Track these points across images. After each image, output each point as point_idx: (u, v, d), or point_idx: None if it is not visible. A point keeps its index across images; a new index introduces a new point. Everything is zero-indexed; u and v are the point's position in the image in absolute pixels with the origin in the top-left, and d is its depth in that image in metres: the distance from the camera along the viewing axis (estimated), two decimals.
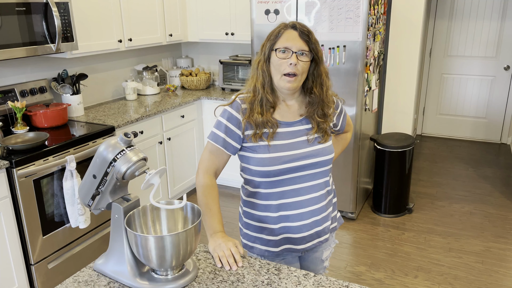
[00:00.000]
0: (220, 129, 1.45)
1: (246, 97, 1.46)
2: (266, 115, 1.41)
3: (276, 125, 1.43)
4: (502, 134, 5.31)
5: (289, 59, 1.36)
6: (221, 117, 1.45)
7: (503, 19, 4.93)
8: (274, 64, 1.40)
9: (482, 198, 3.86)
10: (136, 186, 3.15)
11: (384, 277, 2.76)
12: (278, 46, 1.38)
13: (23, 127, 2.70)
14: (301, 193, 1.47)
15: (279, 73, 1.39)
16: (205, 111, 3.89)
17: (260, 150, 1.42)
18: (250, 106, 1.43)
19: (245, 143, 1.45)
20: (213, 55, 4.42)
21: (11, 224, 2.32)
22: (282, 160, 1.41)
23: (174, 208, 1.27)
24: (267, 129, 1.42)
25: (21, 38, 2.48)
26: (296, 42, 1.37)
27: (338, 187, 3.39)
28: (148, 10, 3.55)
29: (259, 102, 1.42)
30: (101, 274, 1.28)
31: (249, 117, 1.42)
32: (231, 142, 1.44)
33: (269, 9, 3.25)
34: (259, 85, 1.42)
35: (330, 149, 1.49)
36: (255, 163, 1.42)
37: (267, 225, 1.50)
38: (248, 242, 1.57)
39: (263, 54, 1.42)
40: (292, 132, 1.45)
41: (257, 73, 1.44)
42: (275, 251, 1.53)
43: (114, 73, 3.73)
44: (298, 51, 1.37)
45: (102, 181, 1.22)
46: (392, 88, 3.86)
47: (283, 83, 1.39)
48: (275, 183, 1.45)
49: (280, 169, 1.41)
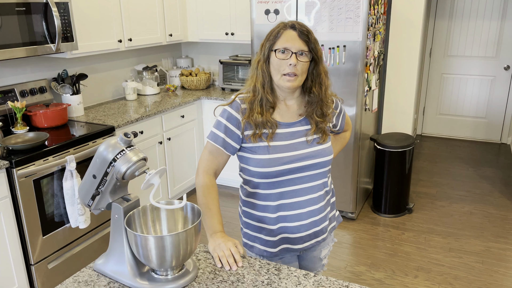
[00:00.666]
0: (220, 129, 1.44)
1: (246, 97, 1.45)
2: (265, 115, 1.41)
3: (276, 125, 1.42)
4: (502, 134, 5.31)
5: (289, 59, 1.36)
6: (221, 117, 1.45)
7: (503, 19, 4.93)
8: (274, 64, 1.39)
9: (482, 198, 3.85)
10: (136, 186, 3.15)
11: (384, 277, 2.76)
12: (278, 47, 1.38)
13: (23, 127, 2.70)
14: (300, 194, 1.47)
15: (279, 73, 1.39)
16: (205, 111, 3.89)
17: (259, 151, 1.42)
18: (250, 106, 1.42)
19: (244, 143, 1.45)
20: (213, 55, 4.42)
21: (11, 224, 2.32)
22: (281, 161, 1.41)
23: (174, 208, 1.27)
24: (267, 130, 1.41)
25: (21, 38, 2.48)
26: (296, 42, 1.36)
27: (338, 187, 3.39)
28: (148, 10, 3.55)
29: (259, 102, 1.42)
30: (101, 274, 1.28)
31: (248, 117, 1.41)
32: (231, 142, 1.44)
33: (269, 9, 3.25)
34: (259, 85, 1.42)
35: (329, 150, 1.48)
36: (254, 164, 1.42)
37: (265, 225, 1.51)
38: (248, 241, 1.57)
39: (263, 54, 1.42)
40: (291, 133, 1.45)
41: (256, 73, 1.43)
42: (273, 251, 1.53)
43: (114, 73, 3.73)
44: (297, 51, 1.36)
45: (102, 181, 1.22)
46: (392, 88, 3.86)
47: (283, 82, 1.39)
48: (273, 184, 1.45)
49: (279, 170, 1.41)
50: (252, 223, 1.54)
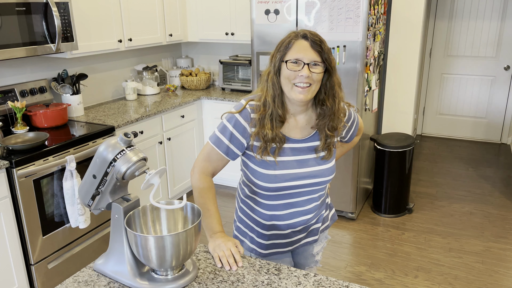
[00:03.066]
0: (225, 135, 1.40)
1: (256, 106, 1.39)
2: (275, 130, 1.36)
3: (284, 140, 1.39)
4: (502, 134, 5.31)
5: (301, 70, 1.30)
6: (228, 121, 1.40)
7: (503, 19, 4.93)
8: (285, 76, 1.32)
9: (482, 198, 3.85)
10: (136, 186, 3.15)
11: (384, 277, 2.76)
12: (289, 58, 1.31)
13: (23, 127, 2.70)
14: (296, 205, 1.48)
15: (290, 84, 1.32)
16: (205, 111, 3.89)
17: (266, 166, 1.40)
18: (261, 121, 1.37)
19: (249, 150, 1.43)
20: (213, 55, 4.42)
21: (11, 224, 2.32)
22: (284, 178, 1.40)
23: (174, 208, 1.27)
24: (275, 144, 1.38)
25: (21, 38, 2.48)
26: (308, 53, 1.30)
27: (338, 187, 3.39)
28: (148, 10, 3.55)
29: (269, 116, 1.36)
30: (101, 274, 1.28)
31: (258, 132, 1.37)
32: (234, 149, 1.42)
33: (269, 9, 3.25)
34: (270, 99, 1.36)
35: (332, 169, 1.47)
36: (259, 177, 1.41)
37: (257, 228, 1.53)
38: (238, 235, 1.60)
39: (273, 66, 1.35)
40: (298, 149, 1.42)
41: (267, 86, 1.37)
42: (263, 252, 1.56)
43: (114, 73, 3.73)
44: (310, 62, 1.30)
45: (102, 181, 1.22)
46: (392, 88, 3.86)
47: (295, 94, 1.32)
48: (272, 196, 1.45)
49: (281, 186, 1.41)
50: (246, 220, 1.56)
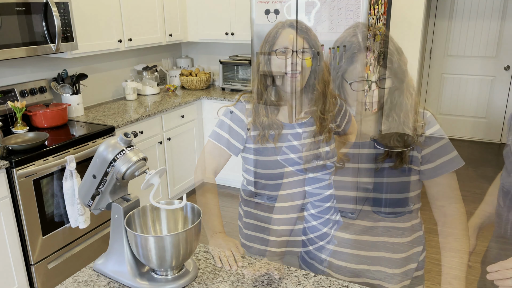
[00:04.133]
0: (223, 129, 1.43)
1: (250, 97, 1.43)
2: (271, 117, 1.39)
3: (281, 126, 1.41)
4: (502, 134, 5.30)
5: (290, 58, 1.34)
6: (224, 116, 1.43)
7: (503, 19, 4.93)
8: (275, 65, 1.37)
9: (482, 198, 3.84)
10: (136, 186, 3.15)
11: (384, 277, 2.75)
12: (278, 47, 1.35)
13: (23, 127, 2.70)
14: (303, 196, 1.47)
15: (281, 72, 1.36)
16: (205, 111, 3.88)
17: (266, 153, 1.40)
18: (255, 108, 1.40)
19: (249, 143, 1.43)
20: (213, 55, 4.42)
21: (11, 224, 2.32)
22: (287, 163, 1.40)
23: (174, 208, 1.27)
24: (273, 131, 1.40)
25: (21, 38, 2.48)
26: (296, 41, 1.35)
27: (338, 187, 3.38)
28: (148, 10, 3.55)
29: (263, 104, 1.40)
30: (101, 274, 1.28)
31: (255, 120, 1.40)
32: (234, 142, 1.43)
33: (269, 9, 3.25)
34: (262, 87, 1.39)
35: (334, 151, 1.48)
36: (261, 166, 1.41)
37: (269, 225, 1.51)
38: (246, 242, 1.57)
39: (263, 56, 1.39)
40: (297, 134, 1.43)
41: (258, 75, 1.41)
42: (276, 251, 1.53)
43: (114, 73, 3.73)
44: (298, 49, 1.34)
45: (102, 181, 1.22)
46: None
47: (286, 82, 1.36)
48: (278, 186, 1.44)
49: (285, 171, 1.41)
50: (254, 223, 1.53)
